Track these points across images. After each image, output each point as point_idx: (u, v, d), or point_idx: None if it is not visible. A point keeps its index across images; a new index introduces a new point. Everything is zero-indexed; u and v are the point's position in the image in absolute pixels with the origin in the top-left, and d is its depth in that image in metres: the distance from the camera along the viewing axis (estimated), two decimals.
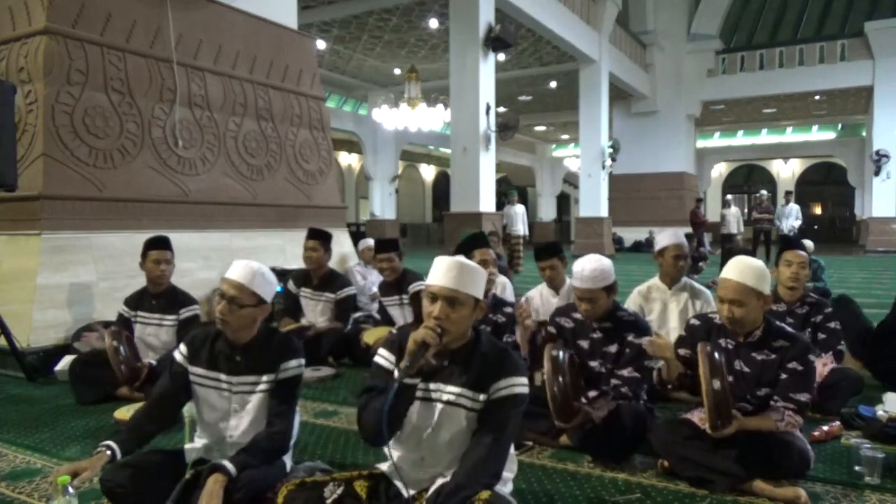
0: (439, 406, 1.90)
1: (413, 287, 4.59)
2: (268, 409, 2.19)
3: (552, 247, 3.89)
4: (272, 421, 2.18)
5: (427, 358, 1.82)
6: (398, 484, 1.93)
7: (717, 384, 2.27)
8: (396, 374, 1.83)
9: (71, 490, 1.85)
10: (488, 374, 1.88)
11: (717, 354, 2.34)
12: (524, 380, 1.91)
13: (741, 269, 2.41)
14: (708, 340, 2.54)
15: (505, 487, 1.98)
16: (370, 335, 4.41)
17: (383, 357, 1.98)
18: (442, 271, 1.88)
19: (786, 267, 3.51)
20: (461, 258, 1.94)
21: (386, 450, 2.00)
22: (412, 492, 1.89)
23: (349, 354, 4.59)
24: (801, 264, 3.49)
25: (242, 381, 2.20)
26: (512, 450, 2.06)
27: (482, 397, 1.87)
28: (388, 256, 4.69)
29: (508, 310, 3.32)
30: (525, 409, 2.95)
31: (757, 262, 2.45)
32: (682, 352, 2.67)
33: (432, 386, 1.92)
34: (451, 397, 1.89)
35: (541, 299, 3.97)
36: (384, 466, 2.00)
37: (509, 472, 2.04)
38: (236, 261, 2.20)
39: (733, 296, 2.39)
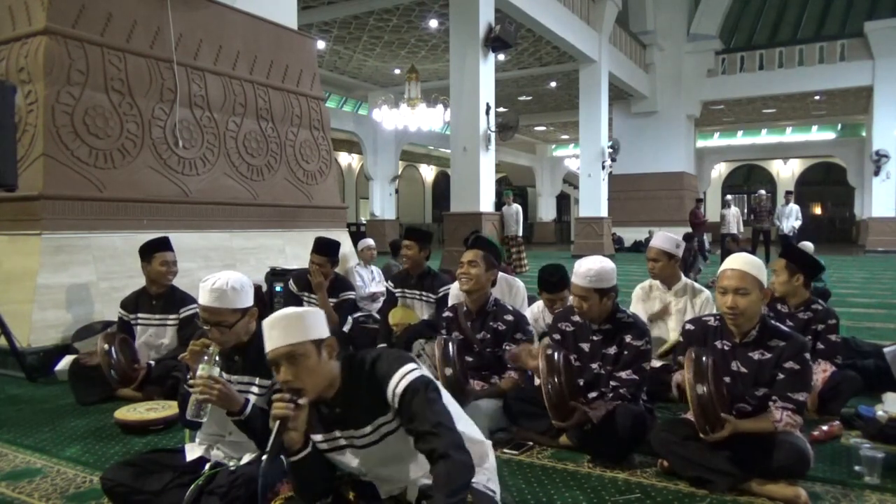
0: (364, 449, 1.83)
1: (442, 291, 4.32)
2: None
3: (561, 281, 3.71)
4: None
5: (297, 425, 1.70)
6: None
7: (701, 389, 2.26)
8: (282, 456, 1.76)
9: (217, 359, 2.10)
10: (377, 391, 1.76)
11: (703, 359, 2.33)
12: (408, 367, 1.76)
13: (741, 260, 2.46)
14: (704, 343, 2.54)
15: (494, 485, 1.91)
16: (394, 314, 4.34)
17: None
18: (267, 336, 1.72)
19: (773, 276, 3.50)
20: (276, 315, 1.74)
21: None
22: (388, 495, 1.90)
23: None
24: (775, 272, 3.49)
25: (240, 380, 2.23)
26: (489, 446, 1.99)
27: (391, 412, 1.78)
28: (409, 244, 4.47)
29: (509, 317, 3.24)
30: (525, 409, 2.93)
31: (754, 257, 2.50)
32: (681, 358, 2.67)
33: (340, 433, 1.85)
34: (372, 437, 1.82)
35: (539, 308, 3.98)
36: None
37: (487, 464, 1.93)
38: (202, 283, 2.17)
39: (737, 283, 2.37)
